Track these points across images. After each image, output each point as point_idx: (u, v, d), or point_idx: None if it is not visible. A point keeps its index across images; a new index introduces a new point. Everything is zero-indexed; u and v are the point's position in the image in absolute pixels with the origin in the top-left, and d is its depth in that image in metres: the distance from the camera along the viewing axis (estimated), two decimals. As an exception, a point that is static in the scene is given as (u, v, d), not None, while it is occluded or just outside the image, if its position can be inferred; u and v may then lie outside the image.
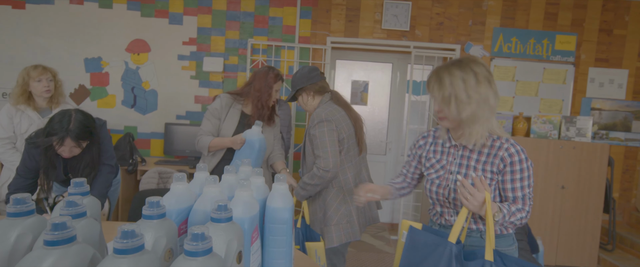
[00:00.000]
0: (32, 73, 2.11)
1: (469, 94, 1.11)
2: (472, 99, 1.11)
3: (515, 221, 1.16)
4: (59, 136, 1.43)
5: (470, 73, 1.13)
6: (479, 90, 1.12)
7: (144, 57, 3.43)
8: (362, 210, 1.81)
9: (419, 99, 3.66)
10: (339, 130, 1.67)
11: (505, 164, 1.16)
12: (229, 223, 0.87)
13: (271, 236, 1.03)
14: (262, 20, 3.43)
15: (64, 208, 0.83)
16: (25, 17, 3.35)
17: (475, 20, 3.49)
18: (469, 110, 1.12)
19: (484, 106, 1.13)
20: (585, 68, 3.55)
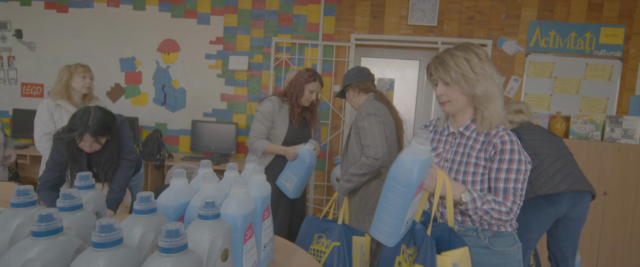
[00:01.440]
0: (79, 69, 2.28)
1: (475, 71, 1.11)
2: (480, 76, 1.11)
3: (490, 212, 1.09)
4: (79, 131, 1.51)
5: (472, 53, 1.14)
6: (484, 67, 1.12)
7: (173, 56, 3.56)
8: None
9: (447, 97, 3.52)
10: (385, 125, 1.80)
11: (495, 151, 1.12)
12: (215, 220, 0.86)
13: None
14: (286, 18, 3.44)
15: (61, 200, 0.86)
16: (68, 20, 3.59)
17: (509, 13, 3.30)
18: (482, 87, 1.11)
19: (493, 84, 1.13)
20: (635, 63, 3.25)
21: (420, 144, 0.98)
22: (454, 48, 1.17)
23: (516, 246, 1.19)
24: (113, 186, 1.69)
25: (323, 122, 3.49)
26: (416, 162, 0.97)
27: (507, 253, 1.16)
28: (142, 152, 3.17)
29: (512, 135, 1.14)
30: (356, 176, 1.78)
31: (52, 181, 1.61)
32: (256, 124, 2.14)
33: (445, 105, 1.19)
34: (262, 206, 1.17)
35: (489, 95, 1.12)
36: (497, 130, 1.15)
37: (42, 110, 2.25)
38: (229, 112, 3.58)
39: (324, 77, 3.46)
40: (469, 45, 1.17)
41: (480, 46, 1.17)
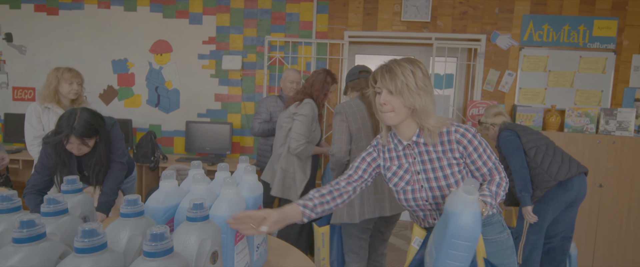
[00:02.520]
0: (66, 74, 2.22)
1: (418, 84, 1.14)
2: (421, 90, 1.14)
3: (502, 194, 1.20)
4: (65, 133, 1.49)
5: (417, 67, 1.16)
6: (425, 82, 1.15)
7: (166, 57, 3.53)
8: (367, 198, 1.83)
9: (442, 92, 3.51)
10: (348, 122, 1.83)
11: (463, 145, 1.17)
12: (204, 222, 0.85)
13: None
14: (279, 16, 3.42)
15: (45, 205, 0.84)
16: (58, 23, 3.55)
17: (502, 7, 3.29)
18: (422, 101, 1.14)
19: (431, 100, 1.17)
20: (629, 55, 3.25)
21: (469, 194, 0.95)
22: (401, 59, 1.19)
23: (506, 233, 1.24)
24: (104, 189, 1.67)
25: (318, 120, 3.48)
26: (475, 216, 0.95)
27: (498, 240, 1.22)
28: (136, 154, 3.15)
29: (459, 126, 1.19)
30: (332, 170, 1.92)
31: (39, 185, 1.59)
32: (301, 127, 2.19)
33: (387, 115, 1.17)
34: (254, 206, 1.15)
35: (427, 110, 1.15)
36: (446, 128, 1.18)
37: (30, 114, 2.23)
38: (223, 112, 3.56)
39: (318, 75, 3.45)
40: (414, 59, 1.20)
41: (422, 62, 1.21)
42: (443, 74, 3.49)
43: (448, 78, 3.55)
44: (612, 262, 2.88)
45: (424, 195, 1.20)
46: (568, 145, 2.85)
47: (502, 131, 2.29)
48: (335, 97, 3.48)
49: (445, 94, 3.56)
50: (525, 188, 2.14)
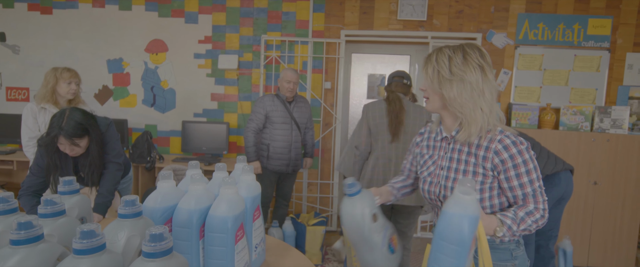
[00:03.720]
0: (64, 74, 2.21)
1: (452, 71, 1.03)
2: (455, 77, 1.03)
3: (529, 228, 1.00)
4: (54, 133, 1.48)
5: (460, 53, 1.05)
6: (464, 70, 1.03)
7: (162, 56, 3.51)
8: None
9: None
10: (368, 119, 2.10)
11: (501, 158, 1.02)
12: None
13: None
14: (276, 15, 3.41)
15: (42, 207, 0.84)
16: (52, 22, 3.52)
17: (498, 6, 3.30)
18: (451, 90, 1.03)
19: (467, 90, 1.02)
20: (623, 54, 3.28)
21: (464, 194, 0.86)
22: (450, 46, 1.09)
23: (511, 264, 1.08)
24: (101, 190, 1.66)
25: (315, 119, 3.48)
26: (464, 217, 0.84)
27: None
28: (132, 154, 3.13)
29: (511, 136, 1.03)
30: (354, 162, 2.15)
31: (34, 187, 1.57)
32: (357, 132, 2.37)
33: (426, 102, 1.14)
34: (252, 206, 1.15)
35: (459, 102, 1.03)
36: (493, 133, 1.04)
37: (27, 115, 2.21)
38: (219, 111, 3.54)
39: (314, 75, 3.45)
40: (465, 45, 1.08)
41: (479, 49, 1.07)
42: (439, 72, 3.50)
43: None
44: (607, 259, 2.92)
45: (436, 191, 1.14)
46: (563, 143, 2.88)
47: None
48: (332, 97, 3.48)
49: (442, 92, 3.57)
50: None
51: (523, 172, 1.01)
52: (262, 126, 2.78)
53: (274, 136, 2.78)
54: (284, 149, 2.80)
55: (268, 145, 2.79)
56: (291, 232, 2.83)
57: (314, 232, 2.83)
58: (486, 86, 1.04)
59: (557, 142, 2.88)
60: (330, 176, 3.55)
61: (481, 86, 1.03)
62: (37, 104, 2.20)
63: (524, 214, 1.00)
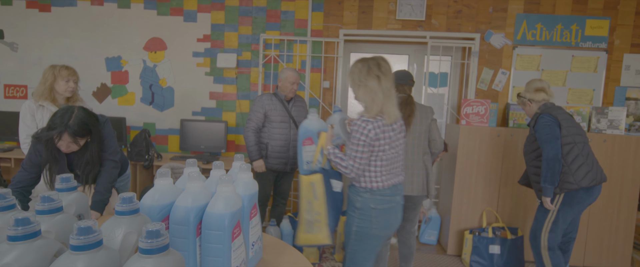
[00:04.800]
0: (63, 72, 2.20)
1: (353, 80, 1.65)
2: (361, 83, 1.62)
3: (335, 161, 1.66)
4: (58, 130, 1.48)
5: (361, 65, 1.63)
6: (361, 79, 1.61)
7: (160, 55, 3.51)
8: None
9: (437, 91, 3.53)
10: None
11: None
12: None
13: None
14: (274, 14, 3.42)
15: (40, 204, 0.84)
16: (51, 20, 3.51)
17: (496, 6, 3.31)
18: (359, 92, 1.63)
19: (370, 92, 1.59)
20: (620, 54, 3.29)
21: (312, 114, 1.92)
22: (362, 59, 1.67)
23: (358, 197, 1.67)
24: (98, 188, 1.66)
25: (313, 118, 3.48)
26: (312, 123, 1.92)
27: (351, 199, 1.71)
28: (131, 152, 3.13)
29: (361, 119, 1.60)
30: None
31: (24, 182, 1.57)
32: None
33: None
34: (249, 204, 1.16)
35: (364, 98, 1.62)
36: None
37: (25, 113, 2.20)
38: (218, 110, 3.55)
39: (312, 74, 3.45)
40: (371, 60, 1.63)
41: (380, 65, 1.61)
42: (437, 72, 3.51)
43: (442, 77, 3.58)
44: (603, 259, 2.93)
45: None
46: (560, 143, 2.89)
47: (542, 114, 2.11)
48: (331, 97, 3.48)
49: (440, 92, 3.58)
50: (551, 180, 2.03)
51: (352, 139, 1.61)
52: (262, 125, 2.79)
53: (273, 134, 2.78)
54: (283, 147, 2.80)
55: (267, 144, 2.79)
56: (289, 231, 2.83)
57: (312, 231, 2.84)
58: (379, 89, 1.59)
59: (554, 143, 2.90)
60: (328, 175, 3.55)
61: (376, 89, 1.59)
62: (35, 101, 2.20)
63: (340, 154, 1.66)
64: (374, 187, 1.64)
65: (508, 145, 2.94)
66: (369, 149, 1.59)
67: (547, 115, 2.09)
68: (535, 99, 2.22)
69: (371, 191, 1.64)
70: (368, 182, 1.64)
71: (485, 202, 3.00)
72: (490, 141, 2.95)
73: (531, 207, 2.97)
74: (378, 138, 1.59)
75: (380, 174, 1.64)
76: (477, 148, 2.96)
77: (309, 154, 1.87)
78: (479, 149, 2.96)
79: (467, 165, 2.97)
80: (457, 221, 3.03)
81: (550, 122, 2.06)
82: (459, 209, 3.02)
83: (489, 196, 2.99)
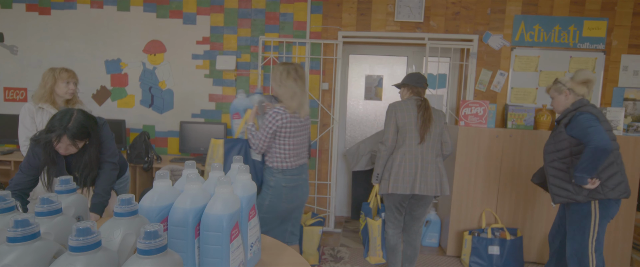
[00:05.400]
0: (63, 74, 2.21)
1: (281, 80, 2.03)
2: (282, 84, 2.03)
3: (249, 136, 2.06)
4: (57, 133, 1.49)
5: (285, 70, 2.03)
6: (287, 79, 2.02)
7: (160, 57, 3.52)
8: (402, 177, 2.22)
9: (435, 92, 3.54)
10: (396, 117, 2.24)
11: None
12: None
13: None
14: (273, 16, 3.43)
15: (39, 205, 0.85)
16: (51, 23, 3.53)
17: (494, 8, 3.33)
18: (280, 90, 2.03)
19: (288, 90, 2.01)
20: (618, 55, 3.30)
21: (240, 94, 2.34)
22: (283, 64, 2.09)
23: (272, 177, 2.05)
24: (97, 190, 1.66)
25: (312, 120, 3.49)
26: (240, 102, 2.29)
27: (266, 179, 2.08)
28: (130, 154, 3.14)
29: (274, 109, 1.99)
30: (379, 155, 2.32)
31: (22, 184, 1.57)
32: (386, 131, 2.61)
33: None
34: (247, 205, 1.16)
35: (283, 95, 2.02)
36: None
37: (24, 115, 2.20)
38: (217, 112, 3.55)
39: (312, 76, 3.46)
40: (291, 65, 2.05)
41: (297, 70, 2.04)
42: (436, 74, 3.52)
43: (441, 78, 3.59)
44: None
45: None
46: (559, 144, 2.90)
47: (582, 112, 1.91)
48: (330, 98, 3.49)
49: (438, 93, 3.59)
50: (590, 169, 1.81)
51: (264, 123, 1.99)
52: None
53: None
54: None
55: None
56: (288, 233, 2.84)
57: (311, 232, 2.84)
58: (297, 89, 2.01)
59: (553, 143, 2.91)
60: (328, 176, 3.56)
61: (294, 89, 2.00)
62: (34, 104, 2.20)
63: (254, 132, 2.06)
64: (284, 167, 2.04)
65: (507, 146, 2.95)
66: (274, 134, 1.99)
67: (588, 113, 1.89)
68: (576, 91, 2.00)
69: (283, 171, 2.04)
70: (279, 163, 2.04)
71: (484, 203, 3.00)
72: (489, 142, 2.95)
73: (530, 207, 2.97)
74: (284, 126, 1.99)
75: (289, 157, 2.05)
76: (476, 149, 2.97)
77: (235, 126, 2.28)
78: (478, 150, 2.97)
79: (466, 166, 2.98)
80: (456, 222, 3.04)
81: (592, 119, 1.86)
82: (458, 210, 3.02)
83: (488, 196, 2.99)
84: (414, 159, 2.22)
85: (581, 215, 1.98)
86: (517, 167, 2.94)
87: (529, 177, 2.93)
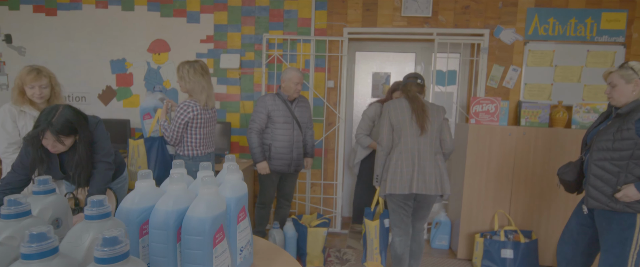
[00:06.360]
0: (25, 78, 1.94)
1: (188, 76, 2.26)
2: (188, 80, 2.26)
3: (163, 130, 2.25)
4: (41, 128, 1.45)
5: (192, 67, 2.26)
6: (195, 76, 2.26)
7: (164, 56, 3.50)
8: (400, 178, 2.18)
9: (445, 89, 3.43)
10: (390, 117, 2.24)
11: None
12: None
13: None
14: (277, 13, 3.37)
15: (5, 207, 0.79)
16: (57, 23, 3.54)
17: (505, 1, 3.19)
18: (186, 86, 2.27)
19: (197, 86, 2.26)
20: (638, 48, 3.13)
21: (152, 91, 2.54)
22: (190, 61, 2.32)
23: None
24: (90, 190, 1.62)
25: (318, 118, 3.42)
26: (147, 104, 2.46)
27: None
28: (134, 154, 3.11)
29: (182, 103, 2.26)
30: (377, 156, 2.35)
31: (13, 184, 1.53)
32: (361, 124, 2.97)
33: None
34: (236, 207, 1.10)
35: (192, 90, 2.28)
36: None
37: (4, 117, 1.96)
38: (222, 111, 3.51)
39: (317, 73, 3.39)
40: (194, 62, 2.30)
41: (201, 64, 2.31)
42: (445, 70, 3.41)
43: (451, 74, 3.47)
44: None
45: None
46: (575, 141, 2.76)
47: None
48: (335, 96, 3.41)
49: (448, 90, 3.47)
50: None
51: (175, 116, 2.24)
52: (265, 126, 2.74)
53: (276, 135, 2.72)
54: (286, 148, 2.74)
55: (270, 145, 2.74)
56: (292, 234, 2.77)
57: (316, 233, 2.77)
58: (204, 83, 2.27)
59: (569, 141, 2.77)
60: (334, 176, 3.48)
61: (202, 83, 2.26)
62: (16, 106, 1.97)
63: (167, 126, 2.27)
64: (194, 155, 2.29)
65: (520, 144, 2.82)
66: (186, 124, 2.21)
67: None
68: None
69: (193, 158, 2.28)
70: (190, 151, 2.28)
71: (497, 204, 2.88)
72: (502, 140, 2.83)
73: (546, 209, 2.83)
74: (196, 118, 2.22)
75: (199, 145, 2.29)
76: (488, 148, 2.85)
77: (147, 125, 2.39)
78: (490, 148, 2.84)
79: (477, 165, 2.86)
80: (467, 224, 2.92)
81: None
82: (469, 212, 2.91)
83: (501, 197, 2.87)
84: (410, 158, 2.18)
85: (624, 225, 1.71)
86: (531, 166, 2.81)
87: (544, 176, 2.80)
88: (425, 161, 2.18)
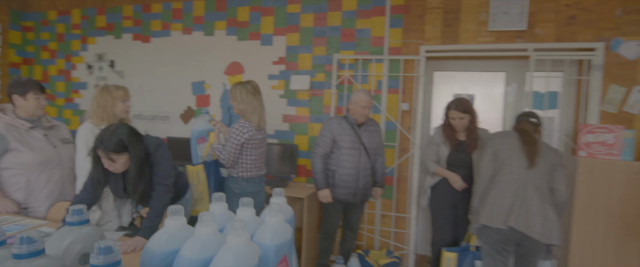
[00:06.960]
0: (116, 94, 2.10)
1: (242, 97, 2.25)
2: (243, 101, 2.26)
3: (218, 153, 2.23)
4: (94, 145, 1.47)
5: (244, 88, 2.26)
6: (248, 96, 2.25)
7: (238, 78, 3.60)
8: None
9: (544, 114, 2.90)
10: (494, 143, 2.10)
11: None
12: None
13: None
14: (349, 33, 3.24)
15: (17, 246, 0.72)
16: (150, 49, 3.90)
17: (627, 7, 2.62)
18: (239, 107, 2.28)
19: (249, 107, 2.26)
20: None
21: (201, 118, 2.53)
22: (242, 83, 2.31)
23: (237, 185, 2.26)
24: (148, 213, 1.61)
25: (390, 144, 3.15)
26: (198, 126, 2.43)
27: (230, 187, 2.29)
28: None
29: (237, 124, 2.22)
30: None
31: (83, 202, 1.58)
32: (427, 151, 2.72)
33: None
34: (275, 256, 0.91)
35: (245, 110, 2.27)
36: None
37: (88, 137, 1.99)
38: (290, 133, 3.46)
39: (390, 95, 3.15)
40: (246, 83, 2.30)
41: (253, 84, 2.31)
42: (544, 91, 2.89)
43: (551, 96, 2.94)
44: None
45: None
46: None
47: None
48: (410, 120, 3.11)
49: (548, 115, 2.94)
50: None
51: (231, 137, 2.24)
52: (330, 151, 2.58)
53: (341, 161, 2.54)
54: (351, 176, 2.54)
55: (334, 171, 2.56)
56: (356, 271, 2.51)
57: (383, 273, 2.47)
58: (257, 104, 2.30)
59: None
60: (406, 208, 3.15)
61: (255, 104, 2.27)
62: (96, 125, 2.07)
63: (221, 148, 2.26)
64: (247, 177, 2.26)
65: (651, 186, 2.20)
66: (241, 146, 2.19)
67: None
68: None
69: (247, 180, 2.26)
70: (244, 172, 2.25)
71: (620, 259, 2.26)
72: (626, 180, 2.25)
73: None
74: (251, 139, 2.21)
75: (252, 167, 2.27)
76: (606, 188, 2.28)
77: (201, 150, 2.37)
78: (608, 189, 2.28)
79: (591, 210, 2.30)
80: (574, 282, 2.35)
81: None
82: None
83: (625, 252, 2.25)
84: (514, 189, 1.94)
85: None
86: (669, 215, 2.16)
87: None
88: (531, 196, 1.87)
